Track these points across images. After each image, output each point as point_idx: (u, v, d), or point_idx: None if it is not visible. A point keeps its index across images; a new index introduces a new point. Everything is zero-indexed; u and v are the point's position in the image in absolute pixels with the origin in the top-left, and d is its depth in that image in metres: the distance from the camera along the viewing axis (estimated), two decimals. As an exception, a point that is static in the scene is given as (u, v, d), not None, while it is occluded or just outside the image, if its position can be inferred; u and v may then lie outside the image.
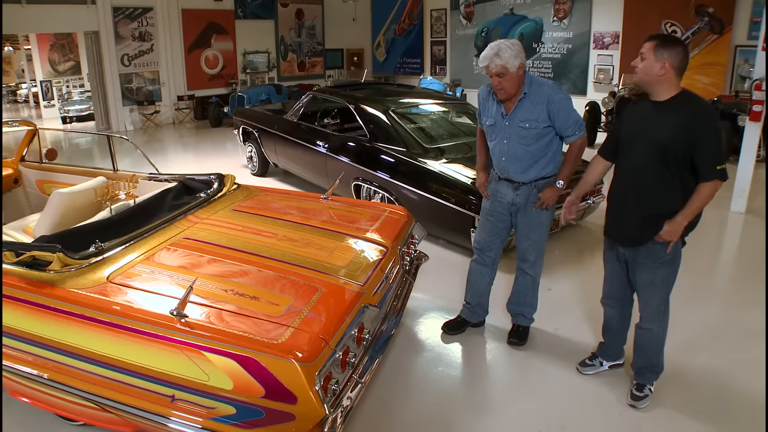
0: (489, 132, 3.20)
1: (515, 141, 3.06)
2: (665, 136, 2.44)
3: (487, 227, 3.35)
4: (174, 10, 12.53)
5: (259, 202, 3.53)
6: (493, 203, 3.29)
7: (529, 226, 3.21)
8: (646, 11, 10.19)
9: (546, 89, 3.01)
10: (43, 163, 4.57)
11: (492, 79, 2.95)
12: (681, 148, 2.41)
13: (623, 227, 2.68)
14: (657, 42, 2.44)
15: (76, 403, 2.28)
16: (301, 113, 6.59)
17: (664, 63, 2.41)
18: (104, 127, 12.34)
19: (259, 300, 2.31)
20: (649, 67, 2.44)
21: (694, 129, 2.38)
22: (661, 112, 2.48)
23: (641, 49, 2.50)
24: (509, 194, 3.19)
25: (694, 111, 2.42)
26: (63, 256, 2.44)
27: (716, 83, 9.64)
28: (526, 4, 12.08)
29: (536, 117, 2.99)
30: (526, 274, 3.34)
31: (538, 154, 3.08)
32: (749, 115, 5.65)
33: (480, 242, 3.41)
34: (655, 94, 2.50)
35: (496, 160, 3.20)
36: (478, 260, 3.44)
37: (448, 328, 3.54)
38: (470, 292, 3.50)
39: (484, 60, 2.92)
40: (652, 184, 2.53)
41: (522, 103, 3.01)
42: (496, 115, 3.11)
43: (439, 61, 14.37)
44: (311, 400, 1.92)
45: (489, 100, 3.16)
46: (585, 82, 11.44)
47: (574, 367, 3.16)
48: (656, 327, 2.76)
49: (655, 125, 2.49)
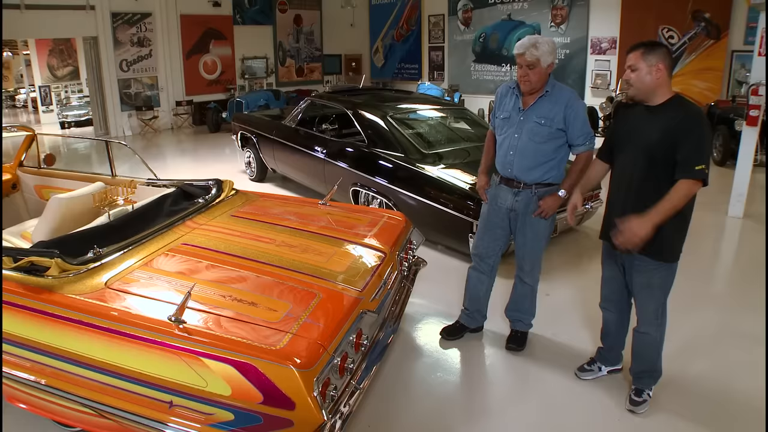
0: (501, 126, 3.20)
1: (526, 136, 3.06)
2: (653, 139, 2.47)
3: (485, 234, 3.34)
4: (173, 16, 12.56)
5: (258, 208, 3.53)
6: (492, 209, 3.28)
7: (527, 234, 3.20)
8: (643, 17, 10.23)
9: (567, 93, 3.06)
10: (42, 169, 4.56)
11: (521, 69, 2.98)
12: (666, 149, 2.44)
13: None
14: (642, 49, 2.47)
15: (74, 410, 2.27)
16: (300, 119, 6.60)
17: (657, 65, 2.43)
18: (103, 133, 12.35)
19: (258, 306, 2.30)
20: (643, 75, 2.46)
21: (678, 130, 2.41)
22: (652, 116, 2.51)
23: (627, 62, 2.51)
24: (509, 199, 3.18)
25: (681, 114, 2.44)
26: (61, 261, 2.43)
27: (713, 88, 9.67)
28: (523, 10, 12.13)
29: (553, 116, 3.02)
30: (525, 283, 3.34)
31: (545, 156, 3.08)
32: (746, 119, 5.68)
33: (478, 249, 3.39)
34: (651, 100, 2.52)
35: (503, 155, 3.16)
36: (476, 267, 3.43)
37: (447, 334, 3.54)
38: (468, 298, 3.49)
39: (520, 47, 2.95)
40: (642, 187, 2.55)
41: (542, 100, 3.04)
42: (513, 108, 3.12)
43: (437, 67, 14.41)
44: (309, 406, 1.92)
45: (508, 95, 3.18)
46: (582, 88, 11.48)
47: (573, 372, 3.16)
48: (654, 331, 2.76)
49: (645, 129, 2.52)
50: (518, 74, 3.03)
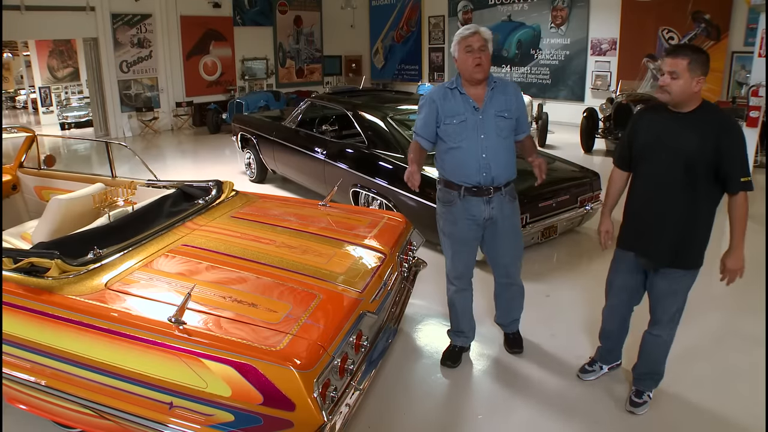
0: (455, 132, 2.86)
1: (493, 134, 2.85)
2: (692, 147, 2.37)
3: (462, 252, 3.08)
4: (173, 17, 12.56)
5: (258, 209, 3.53)
6: (464, 224, 2.98)
7: (510, 238, 3.06)
8: (644, 18, 10.25)
9: (509, 82, 3.01)
10: (42, 170, 4.56)
11: (472, 54, 2.80)
12: (706, 157, 2.36)
13: (650, 246, 2.60)
14: (690, 59, 2.31)
15: (74, 410, 2.27)
16: (300, 120, 6.60)
17: (699, 79, 2.33)
18: (103, 134, 12.35)
19: (258, 307, 2.31)
20: (686, 87, 2.33)
21: (719, 140, 2.33)
22: (685, 123, 2.41)
23: (668, 66, 2.34)
24: (482, 209, 2.92)
25: (717, 122, 2.37)
26: (61, 262, 2.44)
27: (713, 89, 9.68)
28: (523, 11, 12.15)
29: (510, 108, 2.90)
30: (514, 285, 3.24)
31: (510, 150, 2.95)
32: (746, 120, 5.69)
33: (458, 270, 3.13)
34: (683, 107, 2.42)
35: (473, 161, 2.85)
36: (459, 289, 3.18)
37: (451, 362, 3.28)
38: (461, 320, 3.26)
39: (471, 28, 2.82)
40: (676, 195, 2.47)
41: (494, 93, 2.88)
42: (466, 110, 2.85)
43: (437, 68, 14.42)
44: (309, 407, 1.92)
45: (449, 98, 2.89)
46: (582, 89, 11.49)
47: (573, 373, 3.15)
48: (666, 334, 2.73)
49: (679, 136, 2.41)
50: (468, 62, 2.80)
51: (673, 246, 2.53)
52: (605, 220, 2.81)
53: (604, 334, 3.05)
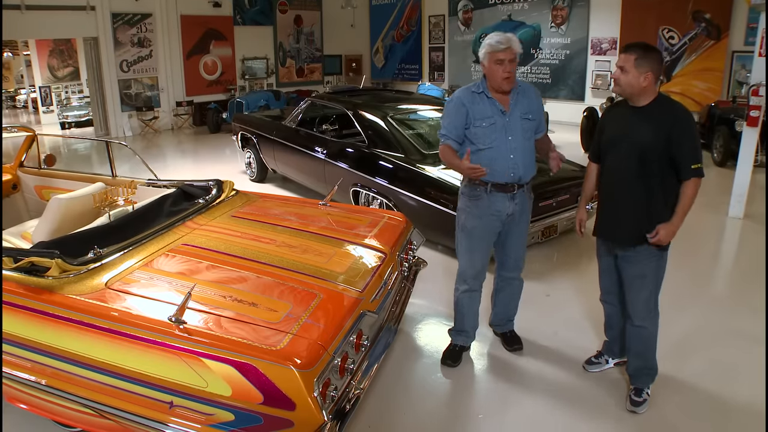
0: (484, 134, 2.93)
1: (520, 135, 2.97)
2: (646, 140, 2.55)
3: (479, 250, 3.12)
4: (173, 17, 12.57)
5: (258, 209, 3.53)
6: (487, 220, 3.05)
7: (521, 233, 3.19)
8: (644, 17, 10.25)
9: (528, 85, 3.11)
10: (42, 169, 4.57)
11: (502, 65, 2.83)
12: (659, 149, 2.53)
13: (615, 232, 2.77)
14: (637, 55, 2.52)
15: (74, 410, 2.27)
16: (300, 119, 6.61)
17: (647, 74, 2.51)
18: (103, 133, 12.35)
19: (258, 306, 2.31)
20: (633, 80, 2.54)
21: (671, 131, 2.50)
22: (641, 116, 2.59)
23: (619, 61, 2.58)
24: (506, 205, 3.01)
25: (671, 113, 2.54)
26: (61, 262, 2.44)
27: (713, 89, 9.69)
28: (524, 10, 12.14)
29: (532, 109, 3.02)
30: (516, 281, 3.32)
31: (533, 150, 3.08)
32: (746, 120, 5.68)
33: (476, 268, 3.16)
34: (636, 101, 2.62)
35: (502, 160, 2.93)
36: (469, 289, 3.20)
37: (452, 361, 3.28)
38: (466, 320, 3.28)
39: (505, 42, 2.82)
40: (635, 185, 2.63)
41: (518, 96, 2.99)
42: (494, 113, 2.93)
43: (437, 67, 14.43)
44: (310, 407, 1.92)
45: (478, 102, 2.95)
46: (583, 88, 11.49)
47: (574, 371, 3.16)
48: (650, 324, 2.80)
49: (636, 128, 2.60)
50: (498, 73, 2.85)
51: (634, 232, 2.65)
52: (581, 210, 3.00)
53: (606, 323, 3.11)
